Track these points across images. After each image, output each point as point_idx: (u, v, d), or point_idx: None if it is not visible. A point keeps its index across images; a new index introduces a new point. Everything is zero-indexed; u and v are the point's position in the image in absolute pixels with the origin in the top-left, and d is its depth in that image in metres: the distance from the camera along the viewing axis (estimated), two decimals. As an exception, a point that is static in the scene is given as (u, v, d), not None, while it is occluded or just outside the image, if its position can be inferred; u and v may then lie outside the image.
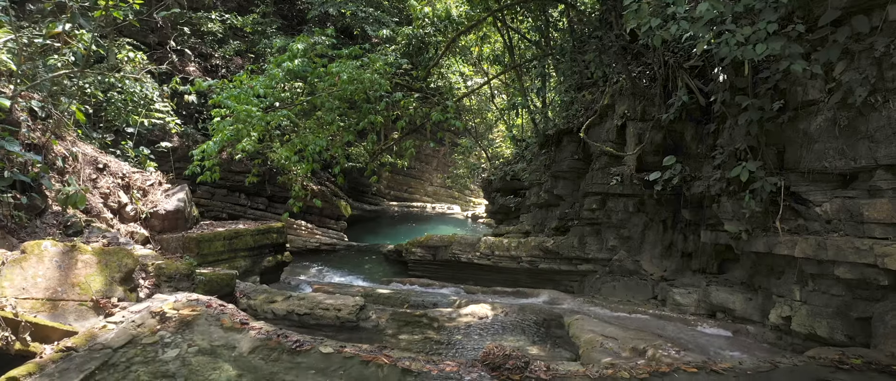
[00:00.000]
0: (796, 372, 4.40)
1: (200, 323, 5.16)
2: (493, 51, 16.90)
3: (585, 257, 10.31)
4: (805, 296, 6.33)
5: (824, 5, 5.88)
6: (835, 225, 6.05)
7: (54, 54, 9.43)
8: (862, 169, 5.78)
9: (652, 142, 8.49)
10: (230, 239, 9.84)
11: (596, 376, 4.33)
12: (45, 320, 4.81)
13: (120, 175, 9.79)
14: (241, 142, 8.22)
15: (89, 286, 5.66)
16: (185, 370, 4.58)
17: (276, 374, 4.50)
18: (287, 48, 8.33)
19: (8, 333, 4.24)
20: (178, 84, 11.23)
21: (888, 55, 5.39)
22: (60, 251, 5.76)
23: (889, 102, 5.42)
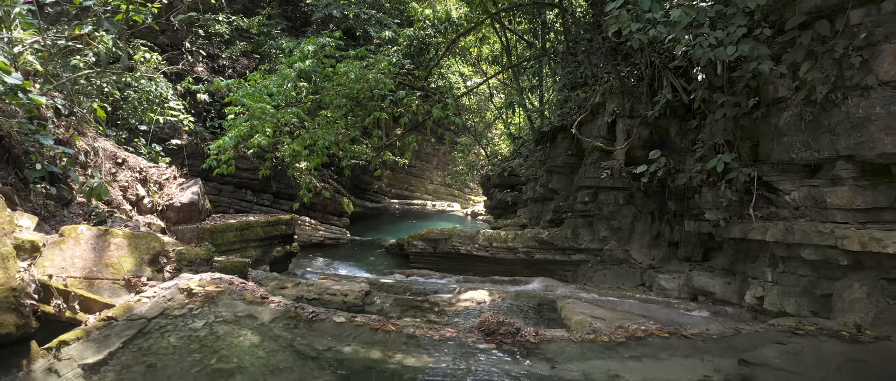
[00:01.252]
0: (756, 336, 4.94)
1: (224, 298, 5.71)
2: (491, 51, 17.45)
3: (578, 248, 10.87)
4: (776, 277, 6.89)
5: (792, 9, 6.44)
6: (802, 211, 6.61)
7: (76, 55, 10.00)
8: (825, 160, 6.33)
9: (639, 137, 9.05)
10: (242, 230, 10.40)
11: (579, 339, 4.88)
12: (89, 293, 5.36)
13: (137, 170, 10.34)
14: (253, 137, 8.77)
15: (121, 267, 6.21)
16: (213, 337, 5.14)
17: (294, 339, 5.06)
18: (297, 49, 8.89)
19: (61, 301, 4.80)
20: (190, 83, 11.79)
21: (847, 56, 5.94)
22: (94, 235, 6.31)
23: (848, 99, 5.98)
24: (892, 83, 5.70)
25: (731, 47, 6.03)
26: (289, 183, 18.57)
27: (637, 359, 4.70)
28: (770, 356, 4.63)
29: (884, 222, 5.97)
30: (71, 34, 9.88)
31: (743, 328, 5.13)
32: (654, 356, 4.74)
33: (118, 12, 9.09)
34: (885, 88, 5.73)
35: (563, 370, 4.55)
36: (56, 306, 4.74)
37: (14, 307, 4.36)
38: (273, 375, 4.66)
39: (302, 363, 4.79)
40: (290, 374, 4.66)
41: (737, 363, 4.58)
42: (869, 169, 6.02)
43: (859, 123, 5.88)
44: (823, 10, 6.28)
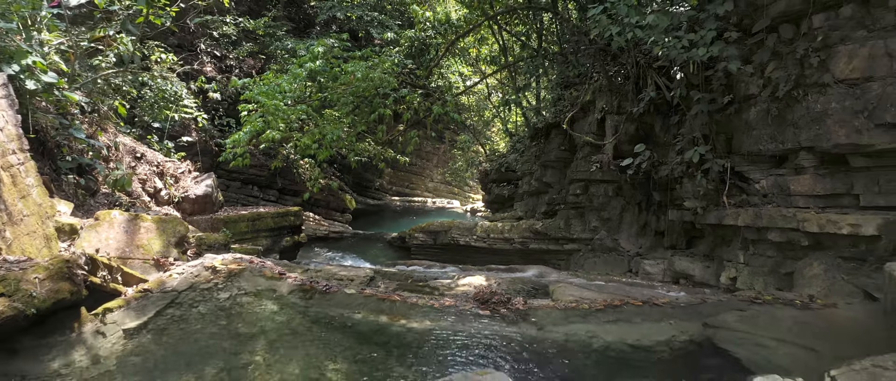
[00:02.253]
0: (720, 305, 5.58)
1: (246, 274, 6.34)
2: (490, 52, 18.07)
3: (571, 238, 11.50)
4: (747, 259, 7.52)
5: (760, 13, 7.07)
6: (769, 198, 7.24)
7: (98, 56, 10.64)
8: (789, 151, 6.97)
9: (626, 132, 9.68)
10: (253, 221, 11.04)
11: (562, 307, 5.52)
12: (129, 269, 6.00)
13: (155, 164, 10.99)
14: (265, 133, 9.41)
15: (151, 248, 6.85)
16: (237, 306, 5.78)
17: (309, 308, 5.70)
18: (308, 50, 9.52)
19: (106, 273, 5.44)
20: (203, 82, 12.41)
21: (807, 57, 6.57)
22: (126, 219, 6.95)
23: (808, 95, 6.61)
24: (846, 81, 6.34)
25: (702, 49, 6.67)
26: (294, 179, 19.22)
27: (613, 323, 5.34)
28: (730, 321, 5.26)
29: (840, 207, 6.61)
30: (93, 36, 10.54)
31: (708, 298, 5.77)
32: (628, 321, 5.37)
33: (139, 15, 9.73)
34: (840, 85, 6.36)
35: (548, 332, 5.18)
36: (102, 278, 5.38)
37: (68, 276, 4.99)
38: (291, 336, 5.30)
39: (317, 327, 5.43)
40: (307, 336, 5.30)
41: (701, 326, 5.22)
42: (827, 159, 6.66)
43: (817, 117, 6.51)
44: (789, 15, 6.93)
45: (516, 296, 5.86)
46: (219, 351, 5.14)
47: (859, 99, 6.25)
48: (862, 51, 6.26)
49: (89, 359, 4.92)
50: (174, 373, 4.84)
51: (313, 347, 5.15)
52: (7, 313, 4.62)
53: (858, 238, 6.26)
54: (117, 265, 5.68)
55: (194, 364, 4.96)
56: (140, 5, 9.11)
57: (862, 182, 6.49)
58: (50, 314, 4.96)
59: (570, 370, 4.65)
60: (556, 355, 4.85)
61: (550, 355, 4.85)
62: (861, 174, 6.50)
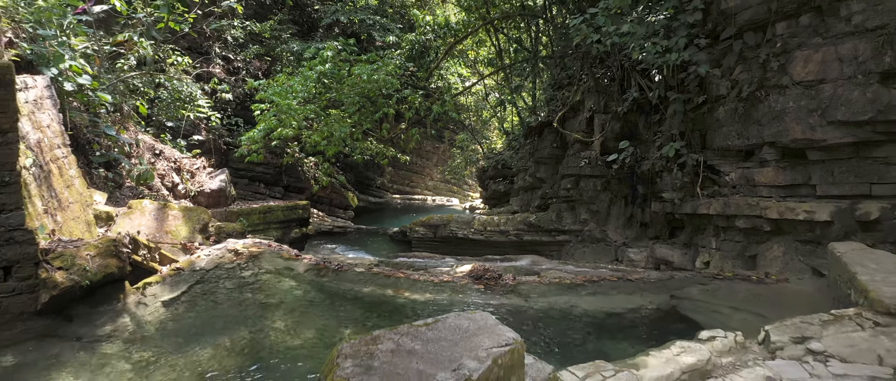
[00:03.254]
0: (685, 280, 6.32)
1: (265, 256, 7.08)
2: (488, 53, 18.82)
3: (562, 229, 12.23)
4: (718, 244, 8.26)
5: (728, 22, 7.82)
6: (737, 189, 7.98)
7: (120, 59, 11.38)
8: (754, 146, 7.70)
9: (612, 130, 10.42)
10: (264, 213, 11.77)
11: (547, 282, 6.25)
12: (163, 250, 6.74)
13: (172, 160, 11.73)
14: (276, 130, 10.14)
15: (178, 233, 7.59)
16: (259, 282, 6.52)
17: (324, 283, 6.44)
18: (318, 54, 10.26)
19: (146, 253, 6.18)
20: (216, 84, 13.15)
21: (769, 61, 7.32)
22: (156, 208, 7.68)
23: (769, 96, 7.35)
24: (803, 83, 7.08)
25: (675, 54, 7.41)
26: (298, 177, 19.94)
27: (591, 295, 6.08)
28: (693, 293, 6.00)
29: (799, 196, 7.34)
30: (114, 40, 11.28)
31: (676, 274, 6.52)
32: (604, 294, 6.11)
33: (159, 21, 10.48)
34: (797, 87, 7.10)
35: (533, 302, 5.92)
36: (142, 256, 6.12)
37: (115, 254, 5.74)
38: (308, 307, 6.04)
39: (330, 298, 6.17)
40: (321, 306, 6.04)
41: (668, 297, 5.95)
42: (787, 153, 7.39)
43: (778, 115, 7.25)
44: (754, 23, 7.67)
45: (507, 274, 6.59)
46: (245, 319, 5.88)
47: (814, 99, 6.99)
48: (816, 56, 7.00)
49: (134, 325, 5.66)
50: (207, 336, 5.58)
51: (327, 316, 5.88)
52: (65, 284, 5.37)
53: (813, 224, 7.00)
54: (155, 246, 6.42)
55: (224, 329, 5.70)
56: (161, 12, 9.85)
57: (818, 173, 7.23)
58: (100, 287, 5.71)
59: (552, 332, 5.38)
60: (540, 320, 5.59)
61: (535, 320, 5.59)
62: (817, 166, 7.24)
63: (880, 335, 4.41)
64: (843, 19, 6.90)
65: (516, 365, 3.13)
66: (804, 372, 3.92)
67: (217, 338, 5.53)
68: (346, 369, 2.86)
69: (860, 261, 5.43)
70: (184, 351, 5.29)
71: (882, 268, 5.27)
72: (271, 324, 5.72)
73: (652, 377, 3.93)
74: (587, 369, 3.91)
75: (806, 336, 4.42)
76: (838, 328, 4.54)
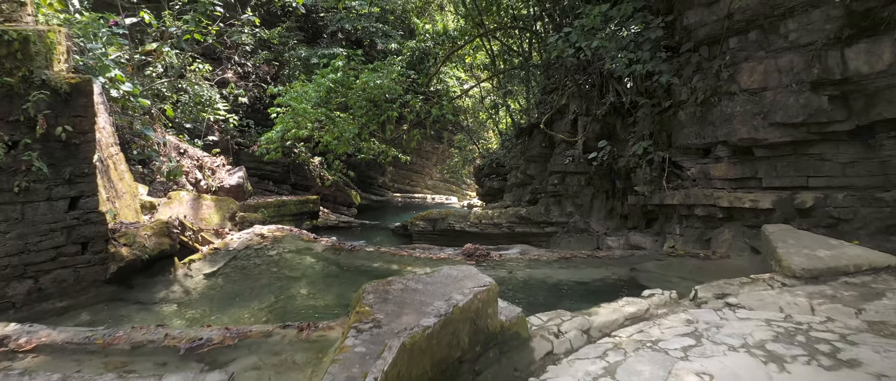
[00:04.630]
0: (644, 257, 7.48)
1: (288, 239, 8.25)
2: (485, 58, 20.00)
3: (550, 221, 13.40)
4: (681, 231, 9.43)
5: (687, 37, 8.99)
6: (697, 182, 9.15)
7: (148, 67, 12.55)
8: (710, 144, 8.87)
9: (592, 131, 11.59)
10: (278, 207, 12.95)
11: (527, 259, 7.42)
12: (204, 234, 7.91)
13: (195, 158, 12.90)
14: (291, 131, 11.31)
15: (211, 220, 8.75)
16: (283, 259, 7.69)
17: (339, 260, 7.60)
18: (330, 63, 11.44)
19: (191, 234, 7.34)
20: (233, 89, 14.34)
21: (721, 71, 8.49)
22: (192, 198, 8.85)
23: (721, 101, 8.52)
24: (748, 90, 8.25)
25: (641, 65, 8.58)
26: (305, 176, 21.12)
27: (564, 268, 7.24)
28: (650, 266, 7.17)
29: (747, 187, 8.51)
30: (143, 50, 12.46)
31: (636, 253, 7.68)
32: (575, 267, 7.28)
33: (186, 33, 11.65)
34: (744, 93, 8.28)
35: (516, 274, 7.08)
36: (188, 237, 7.28)
37: (167, 234, 6.91)
38: (326, 278, 7.20)
39: (344, 272, 7.34)
40: (337, 278, 7.20)
41: (629, 270, 7.11)
42: (737, 150, 8.57)
43: (728, 118, 8.43)
44: (710, 38, 8.85)
45: (494, 252, 7.75)
46: (273, 288, 7.05)
47: (757, 104, 8.17)
48: (760, 67, 8.18)
49: (182, 292, 6.83)
50: (243, 301, 6.75)
51: (342, 285, 7.05)
52: (129, 257, 6.55)
53: (758, 211, 8.16)
54: (198, 229, 7.59)
55: (256, 296, 6.87)
56: (190, 27, 11.03)
57: (763, 168, 8.40)
58: (155, 261, 6.89)
59: (531, 296, 6.54)
60: (521, 287, 6.75)
61: (517, 288, 6.75)
62: (763, 162, 8.41)
63: (785, 292, 5.58)
64: (782, 36, 8.07)
65: (491, 300, 4.31)
66: (717, 316, 5.08)
67: (251, 302, 6.70)
68: (368, 299, 4.04)
69: (782, 238, 6.60)
70: (226, 311, 6.45)
71: (798, 244, 6.44)
72: (296, 292, 6.88)
73: (600, 321, 5.08)
74: (550, 315, 5.08)
75: (726, 293, 5.59)
76: (753, 287, 5.70)
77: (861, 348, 4.49)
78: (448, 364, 3.85)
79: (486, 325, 4.25)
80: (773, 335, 4.71)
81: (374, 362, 3.18)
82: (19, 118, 5.68)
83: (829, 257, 6.08)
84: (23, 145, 5.70)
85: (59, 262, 6.11)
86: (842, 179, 8.01)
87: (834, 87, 7.61)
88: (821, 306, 5.27)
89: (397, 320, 3.69)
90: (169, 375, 3.40)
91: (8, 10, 6.71)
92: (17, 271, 5.85)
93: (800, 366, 4.25)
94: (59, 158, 5.98)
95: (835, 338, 4.64)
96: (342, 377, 3.07)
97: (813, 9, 7.59)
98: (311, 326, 3.94)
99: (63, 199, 6.08)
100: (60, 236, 6.09)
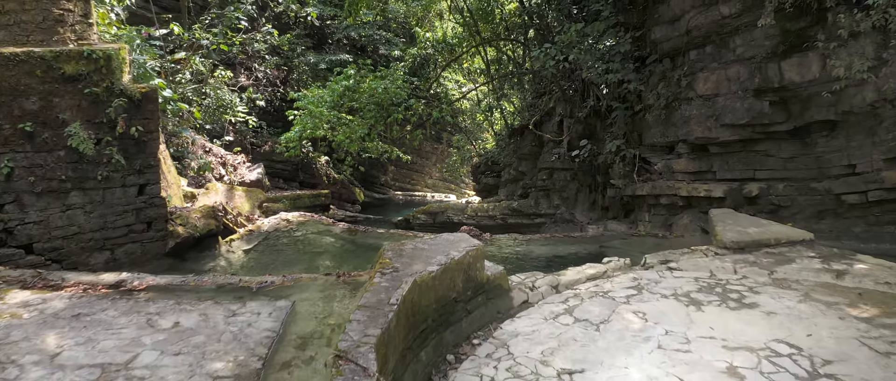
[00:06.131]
0: (613, 237, 8.87)
1: (310, 222, 9.65)
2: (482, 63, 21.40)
3: (539, 213, 14.81)
4: (650, 218, 10.84)
5: (654, 49, 10.41)
6: (662, 175, 10.56)
7: (177, 74, 13.95)
8: (672, 142, 10.29)
9: (576, 131, 13.00)
10: (294, 199, 14.34)
11: (513, 240, 8.82)
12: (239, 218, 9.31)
13: (219, 156, 14.29)
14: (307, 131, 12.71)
15: (242, 207, 10.15)
16: (307, 239, 9.08)
17: (354, 239, 9.00)
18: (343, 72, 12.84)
19: (232, 217, 8.74)
20: (251, 93, 15.74)
21: (681, 79, 9.90)
22: (226, 188, 10.24)
23: (681, 105, 9.94)
24: (703, 96, 9.67)
25: (613, 74, 9.99)
26: (313, 174, 22.50)
27: (544, 246, 8.64)
28: (616, 244, 8.57)
29: (703, 179, 9.92)
30: (173, 58, 13.86)
31: (606, 233, 9.08)
32: (553, 245, 8.68)
33: (213, 43, 13.04)
34: (699, 99, 9.69)
35: (503, 250, 8.48)
36: (230, 220, 8.68)
37: (213, 216, 8.30)
38: (344, 252, 8.60)
39: (359, 248, 8.73)
40: (353, 253, 8.60)
41: (598, 247, 8.51)
42: (695, 148, 9.98)
43: (687, 119, 9.84)
44: (674, 51, 10.27)
45: (485, 233, 9.16)
46: (301, 260, 8.45)
47: (711, 108, 9.58)
48: (712, 76, 9.59)
49: (226, 263, 8.22)
50: (277, 270, 8.12)
51: (358, 258, 8.44)
52: (183, 235, 7.94)
53: (712, 199, 9.57)
54: (237, 213, 8.99)
55: (287, 266, 8.26)
56: (218, 39, 12.42)
57: (717, 163, 9.82)
58: (203, 238, 8.28)
59: (516, 265, 7.94)
60: (507, 259, 8.15)
61: (504, 260, 8.15)
62: (716, 158, 9.83)
63: (716, 259, 6.99)
64: (731, 50, 9.48)
65: (479, 257, 5.71)
66: (657, 275, 6.49)
67: (283, 269, 8.08)
68: (388, 254, 5.44)
69: (722, 219, 8.01)
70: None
71: (734, 223, 7.84)
72: (320, 263, 8.28)
73: (566, 279, 6.48)
74: (527, 274, 6.49)
75: (668, 260, 6.99)
76: (691, 256, 7.11)
77: (762, 295, 5.91)
78: (447, 302, 5.24)
79: (476, 276, 5.65)
80: (698, 288, 6.13)
81: (395, 291, 4.58)
82: (103, 120, 7.07)
83: (757, 232, 7.49)
84: (105, 142, 7.09)
85: (129, 237, 7.50)
86: (783, 171, 9.43)
87: (774, 93, 9.03)
88: (741, 268, 6.68)
89: (410, 267, 5.08)
90: (249, 302, 4.79)
91: (80, 29, 8.12)
92: (98, 244, 7.24)
93: (713, 307, 5.67)
94: (132, 153, 7.37)
95: (744, 289, 6.06)
96: (374, 300, 4.46)
97: (755, 28, 9.00)
98: (346, 273, 5.33)
99: (134, 186, 7.47)
100: (131, 217, 7.48)
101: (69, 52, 6.85)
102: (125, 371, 3.71)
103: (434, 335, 5.02)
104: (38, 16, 7.63)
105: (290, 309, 4.68)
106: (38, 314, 4.50)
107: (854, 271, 6.42)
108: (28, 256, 6.69)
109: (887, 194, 8.23)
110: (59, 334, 4.19)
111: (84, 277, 5.32)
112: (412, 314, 4.67)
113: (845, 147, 8.79)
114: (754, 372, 4.43)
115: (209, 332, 4.26)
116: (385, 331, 4.00)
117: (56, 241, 6.90)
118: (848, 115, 8.53)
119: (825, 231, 8.63)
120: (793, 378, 4.34)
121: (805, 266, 6.63)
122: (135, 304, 4.74)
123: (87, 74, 6.89)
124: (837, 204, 8.85)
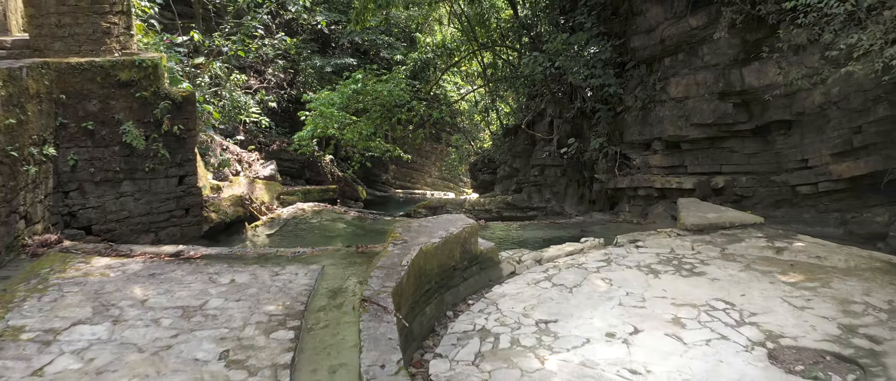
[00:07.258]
0: (593, 222, 10.02)
1: (324, 212, 10.79)
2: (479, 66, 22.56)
3: (532, 206, 15.96)
4: (630, 208, 12.00)
5: (632, 56, 11.57)
6: (641, 170, 11.72)
7: (198, 77, 15.07)
8: (649, 140, 11.44)
9: (564, 131, 14.15)
10: (304, 194, 15.48)
11: (504, 225, 9.96)
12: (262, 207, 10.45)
13: (235, 153, 15.41)
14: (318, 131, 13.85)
15: (263, 198, 11.28)
16: (322, 225, 10.23)
17: (364, 225, 10.15)
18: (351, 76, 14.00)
19: (258, 205, 9.87)
20: (263, 95, 16.88)
21: (655, 84, 11.06)
22: (247, 181, 11.37)
23: (656, 107, 11.10)
24: (675, 99, 10.83)
25: (595, 79, 11.15)
26: (318, 171, 23.63)
27: (532, 230, 9.79)
28: (596, 229, 9.72)
29: (676, 173, 11.08)
30: (193, 63, 14.98)
31: (586, 220, 10.22)
32: (542, 230, 9.82)
33: (231, 50, 14.17)
34: (672, 101, 10.86)
35: (496, 233, 9.62)
36: (255, 208, 9.82)
37: (241, 204, 9.44)
38: (356, 236, 9.74)
39: (369, 233, 9.88)
40: (365, 236, 9.74)
41: (579, 230, 9.66)
42: (669, 145, 11.14)
43: (660, 120, 11.00)
44: (651, 58, 11.42)
45: (480, 219, 10.31)
46: (317, 243, 9.58)
47: (682, 109, 10.74)
48: (683, 81, 10.75)
49: (252, 246, 9.35)
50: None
51: (369, 239, 9.57)
52: (216, 220, 9.07)
53: (683, 190, 10.73)
54: (261, 202, 10.14)
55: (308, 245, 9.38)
56: (237, 47, 13.54)
57: (688, 158, 10.98)
58: (232, 224, 9.41)
59: (505, 244, 9.07)
60: (498, 239, 9.29)
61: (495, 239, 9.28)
62: (687, 153, 10.98)
63: (677, 238, 8.14)
64: (700, 58, 10.64)
65: (474, 233, 6.85)
66: (624, 251, 7.64)
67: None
68: (398, 230, 6.59)
69: (686, 206, 9.16)
70: (287, 259, 8.96)
71: (697, 209, 9.00)
72: (337, 244, 9.40)
73: (548, 255, 7.62)
74: (515, 251, 7.63)
75: (636, 240, 8.14)
76: (656, 236, 8.25)
77: (710, 266, 7.07)
78: (447, 268, 6.38)
79: (471, 249, 6.79)
80: (658, 260, 7.28)
81: (405, 255, 5.73)
82: (150, 120, 8.21)
83: (715, 217, 8.64)
84: (152, 139, 8.24)
85: (170, 221, 8.64)
86: (746, 166, 10.58)
87: (736, 96, 10.19)
88: (698, 245, 7.83)
89: (417, 239, 6.23)
90: (287, 266, 5.94)
91: (124, 40, 9.27)
92: (145, 227, 8.38)
93: (668, 275, 6.82)
94: (174, 148, 8.51)
95: (697, 262, 7.21)
96: (389, 263, 5.60)
97: (719, 38, 10.15)
98: (363, 246, 6.48)
99: (175, 177, 8.61)
100: (172, 204, 8.61)
101: (123, 61, 7.99)
102: (201, 311, 4.85)
103: (436, 295, 6.17)
104: (89, 29, 8.76)
105: (321, 271, 5.83)
106: (122, 274, 5.64)
107: (792, 248, 7.57)
108: (87, 236, 7.83)
109: (834, 184, 9.38)
110: (142, 287, 5.33)
111: (148, 248, 6.47)
112: (419, 276, 5.81)
113: (800, 144, 9.94)
114: (694, 322, 5.57)
115: (260, 286, 5.40)
116: (399, 284, 5.14)
117: (110, 223, 8.04)
118: (801, 115, 9.68)
119: (779, 217, 9.79)
120: (722, 325, 5.48)
121: (752, 244, 7.78)
122: (196, 267, 5.89)
123: (138, 80, 8.03)
124: (793, 194, 10.01)
